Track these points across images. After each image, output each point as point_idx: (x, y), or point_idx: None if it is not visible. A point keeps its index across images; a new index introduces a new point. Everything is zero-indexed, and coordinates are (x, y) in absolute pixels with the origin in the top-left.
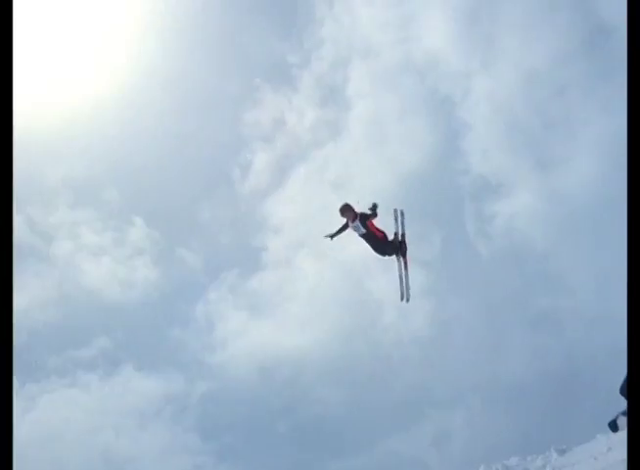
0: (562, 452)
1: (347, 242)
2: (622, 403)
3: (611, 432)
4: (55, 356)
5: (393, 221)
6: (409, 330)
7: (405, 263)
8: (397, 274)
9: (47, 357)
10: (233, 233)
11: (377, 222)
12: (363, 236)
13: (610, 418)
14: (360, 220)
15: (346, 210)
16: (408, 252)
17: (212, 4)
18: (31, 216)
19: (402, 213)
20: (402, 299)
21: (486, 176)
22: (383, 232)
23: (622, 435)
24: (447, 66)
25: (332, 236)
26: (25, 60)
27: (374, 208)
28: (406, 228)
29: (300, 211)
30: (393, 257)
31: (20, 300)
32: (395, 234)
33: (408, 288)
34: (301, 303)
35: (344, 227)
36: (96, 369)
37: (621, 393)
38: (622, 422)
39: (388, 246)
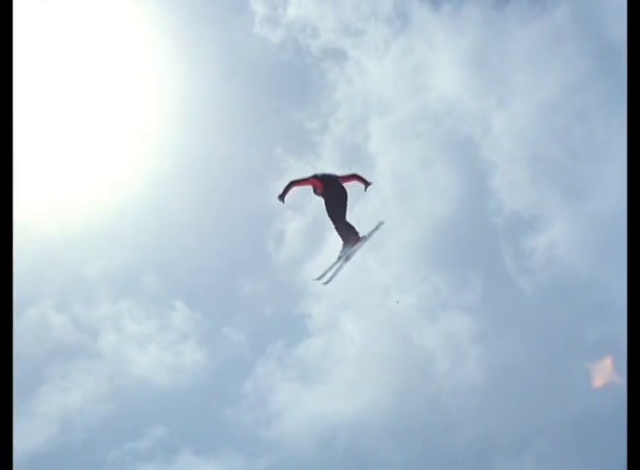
0: None
1: (390, 299)
2: None
3: None
4: (113, 451)
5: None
6: (464, 379)
7: (347, 257)
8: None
9: (106, 453)
10: (274, 304)
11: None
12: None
13: None
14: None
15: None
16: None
17: (227, 81)
18: (76, 314)
19: (380, 225)
20: (320, 278)
21: (519, 212)
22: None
23: None
24: (463, 108)
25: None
26: (56, 156)
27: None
28: (373, 236)
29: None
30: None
31: (74, 398)
32: (363, 236)
33: (334, 275)
34: (352, 365)
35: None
36: (154, 459)
37: None
38: None
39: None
